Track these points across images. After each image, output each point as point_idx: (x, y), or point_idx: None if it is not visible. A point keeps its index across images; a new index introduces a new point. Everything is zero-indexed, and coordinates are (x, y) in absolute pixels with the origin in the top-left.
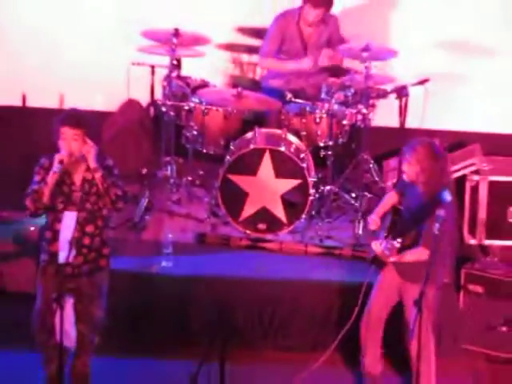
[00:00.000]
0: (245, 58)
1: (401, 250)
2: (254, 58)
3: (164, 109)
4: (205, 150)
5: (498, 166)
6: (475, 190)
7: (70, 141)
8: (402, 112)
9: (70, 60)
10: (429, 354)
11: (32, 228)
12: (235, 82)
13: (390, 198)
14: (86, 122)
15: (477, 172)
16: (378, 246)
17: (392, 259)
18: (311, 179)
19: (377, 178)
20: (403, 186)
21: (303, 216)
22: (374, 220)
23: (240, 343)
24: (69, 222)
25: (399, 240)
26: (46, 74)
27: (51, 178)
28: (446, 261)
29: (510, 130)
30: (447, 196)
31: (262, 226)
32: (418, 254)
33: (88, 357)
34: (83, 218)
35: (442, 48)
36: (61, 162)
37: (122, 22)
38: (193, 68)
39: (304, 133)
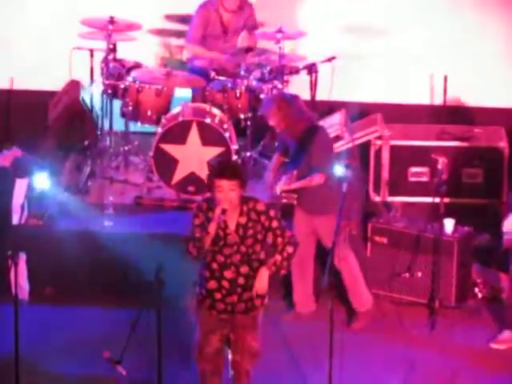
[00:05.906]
0: (173, 41)
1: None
2: (181, 41)
3: (103, 87)
4: (140, 123)
5: (397, 132)
6: (378, 153)
7: (227, 192)
8: (313, 86)
9: (19, 48)
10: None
11: None
12: (165, 63)
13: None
14: (241, 171)
15: (379, 137)
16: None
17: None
18: (233, 147)
19: None
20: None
21: None
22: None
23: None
24: None
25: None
26: None
27: (212, 228)
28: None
29: (407, 100)
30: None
31: (191, 189)
32: (311, 180)
33: None
34: (238, 259)
35: (346, 30)
36: (223, 212)
37: (64, 13)
38: (127, 51)
39: (226, 106)
